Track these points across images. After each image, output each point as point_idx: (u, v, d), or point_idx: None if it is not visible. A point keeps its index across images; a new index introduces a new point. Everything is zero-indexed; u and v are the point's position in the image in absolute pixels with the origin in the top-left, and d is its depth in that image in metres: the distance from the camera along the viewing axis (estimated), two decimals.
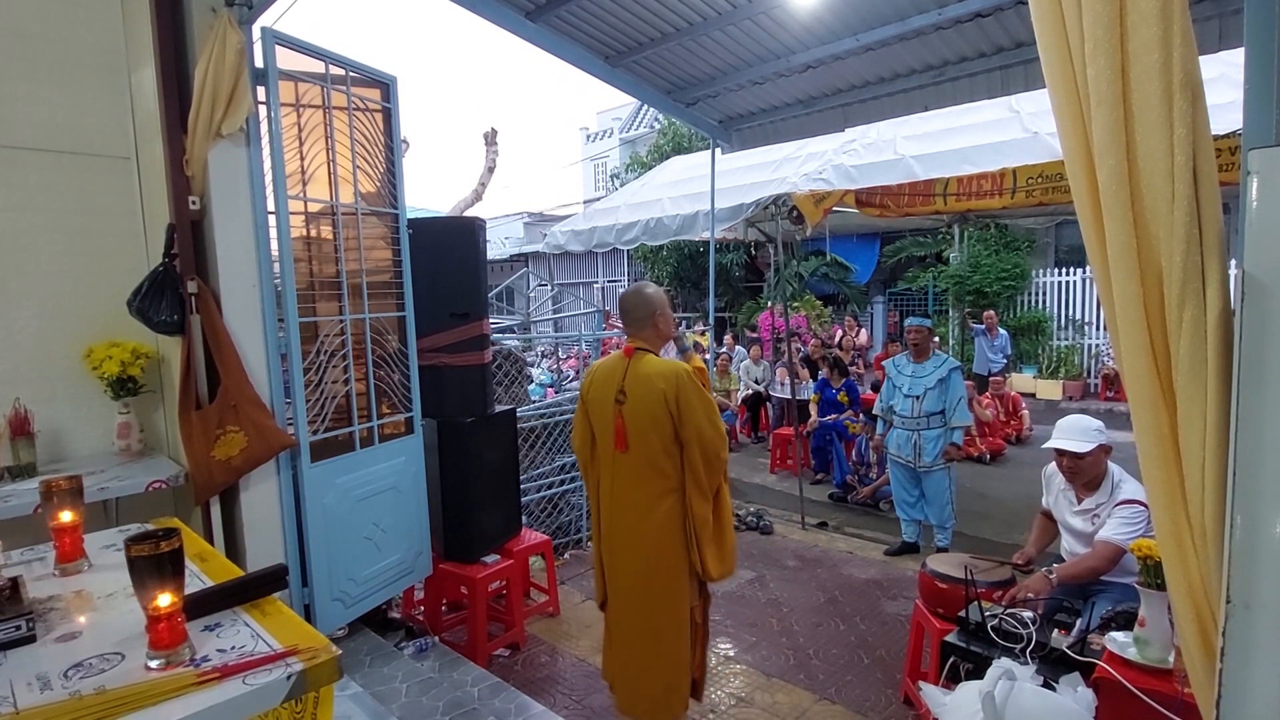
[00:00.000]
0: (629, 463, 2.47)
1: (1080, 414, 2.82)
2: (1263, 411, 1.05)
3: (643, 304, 2.57)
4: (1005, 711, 1.76)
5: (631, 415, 2.43)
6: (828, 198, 6.22)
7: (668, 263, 15.88)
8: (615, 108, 24.93)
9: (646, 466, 2.44)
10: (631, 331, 2.59)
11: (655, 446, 2.41)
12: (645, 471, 2.45)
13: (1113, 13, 1.09)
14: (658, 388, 2.38)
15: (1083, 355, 11.44)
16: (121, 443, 2.78)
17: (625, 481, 2.49)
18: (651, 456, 2.43)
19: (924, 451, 4.53)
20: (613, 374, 2.51)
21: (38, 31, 2.68)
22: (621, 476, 2.50)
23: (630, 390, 2.44)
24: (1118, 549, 2.54)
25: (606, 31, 4.13)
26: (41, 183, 2.70)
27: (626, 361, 2.49)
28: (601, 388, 2.54)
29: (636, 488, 2.47)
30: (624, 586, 2.55)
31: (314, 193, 2.94)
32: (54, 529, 1.66)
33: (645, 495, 2.45)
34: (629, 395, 2.44)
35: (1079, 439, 2.70)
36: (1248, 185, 1.06)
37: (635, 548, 2.49)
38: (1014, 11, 3.51)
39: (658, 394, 2.38)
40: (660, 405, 2.38)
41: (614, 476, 2.53)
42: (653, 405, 2.39)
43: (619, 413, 2.45)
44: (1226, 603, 1.08)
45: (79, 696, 1.12)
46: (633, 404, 2.43)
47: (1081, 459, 2.70)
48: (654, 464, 2.43)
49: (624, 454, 2.47)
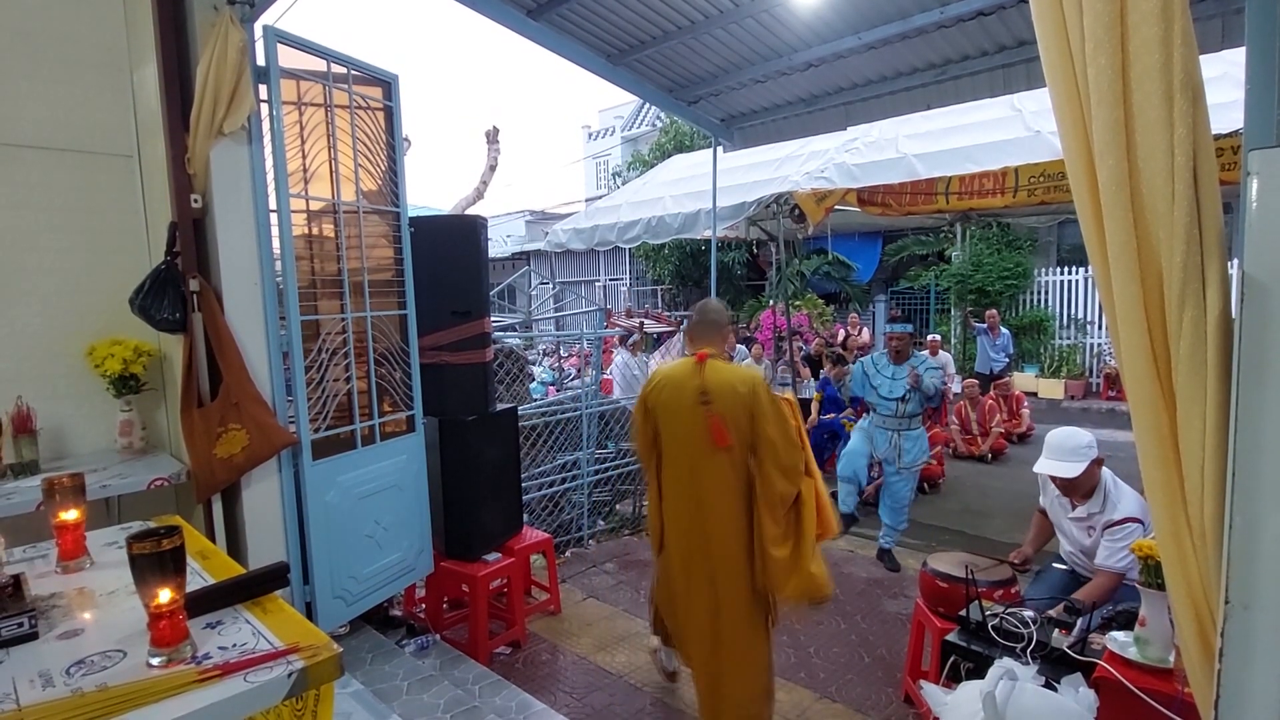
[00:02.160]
0: (718, 464, 2.51)
1: (1068, 429, 2.78)
2: (1262, 412, 1.05)
3: (716, 316, 2.74)
4: (1006, 711, 1.77)
5: (724, 415, 2.49)
6: (830, 196, 6.22)
7: (669, 261, 15.88)
8: (617, 106, 24.92)
9: (730, 467, 2.50)
10: (703, 340, 2.68)
11: (737, 448, 2.49)
12: (729, 473, 2.51)
13: (1113, 12, 1.09)
14: (739, 391, 2.47)
15: (1085, 354, 11.43)
16: (123, 440, 2.79)
17: (719, 479, 2.53)
18: (735, 457, 2.50)
19: (904, 452, 4.54)
20: (687, 378, 2.57)
21: (40, 29, 2.68)
22: (710, 477, 2.54)
23: (714, 392, 2.50)
24: (1117, 576, 2.59)
25: (608, 30, 4.13)
26: (43, 180, 2.70)
27: (701, 366, 2.55)
28: (675, 391, 2.59)
29: (731, 485, 2.51)
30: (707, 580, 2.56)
31: (316, 191, 2.95)
32: (56, 526, 1.67)
33: (739, 491, 2.52)
34: (714, 397, 2.49)
35: (1069, 460, 2.66)
36: (1248, 186, 1.05)
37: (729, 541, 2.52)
38: (1016, 10, 3.50)
39: (740, 397, 2.47)
40: (742, 408, 2.46)
41: (701, 476, 2.55)
42: (735, 407, 2.47)
43: (710, 412, 2.49)
44: (1225, 603, 1.08)
45: (81, 694, 1.13)
46: (719, 405, 2.49)
47: (1073, 480, 2.69)
48: (735, 465, 2.50)
49: (725, 450, 2.50)
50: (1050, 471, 2.72)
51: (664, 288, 17.30)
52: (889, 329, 4.75)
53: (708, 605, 2.58)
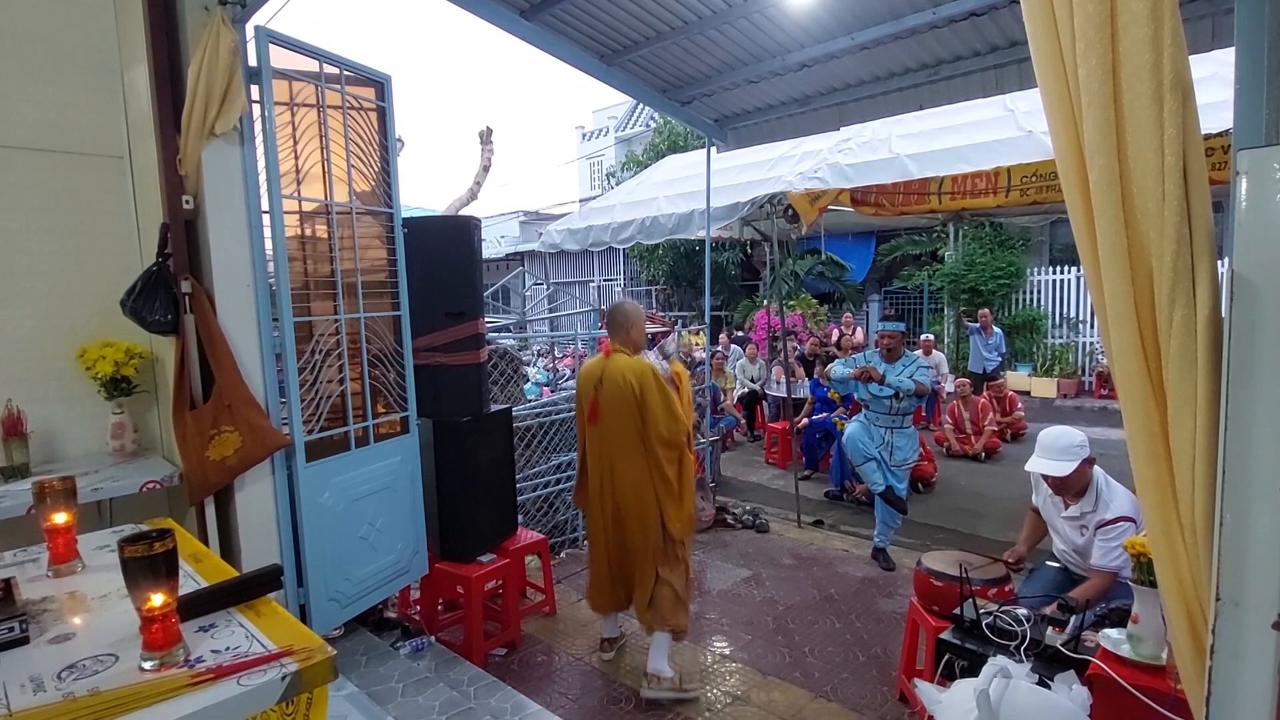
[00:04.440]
0: (604, 431, 3.17)
1: (1061, 429, 2.80)
2: (1252, 410, 1.05)
3: (623, 316, 3.25)
4: (1000, 709, 1.77)
5: (605, 398, 3.14)
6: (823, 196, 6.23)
7: (663, 261, 15.88)
8: (611, 106, 24.91)
9: (620, 434, 3.13)
10: (612, 336, 3.25)
11: (626, 422, 3.10)
12: (619, 436, 3.13)
13: (1104, 13, 1.10)
14: (628, 380, 3.06)
15: (1077, 353, 11.48)
16: (115, 443, 2.77)
17: (606, 442, 3.18)
18: (625, 428, 3.11)
19: (896, 450, 4.55)
20: (594, 368, 3.23)
21: (30, 30, 2.67)
22: (604, 439, 3.19)
23: (605, 380, 3.14)
24: (1111, 575, 2.61)
25: (602, 30, 4.13)
26: (34, 182, 2.69)
27: (605, 359, 3.18)
28: (585, 379, 3.27)
29: (615, 446, 3.15)
30: (613, 507, 3.22)
31: (308, 192, 2.94)
32: (47, 530, 1.66)
33: (623, 451, 3.14)
34: (604, 383, 3.14)
35: (1060, 459, 2.68)
36: (1237, 185, 1.06)
37: (619, 478, 3.17)
38: (1008, 10, 3.52)
39: (627, 384, 3.06)
40: (628, 392, 3.05)
41: (599, 439, 3.21)
42: (623, 391, 3.07)
43: (595, 395, 3.17)
44: (1216, 600, 1.09)
45: (73, 698, 1.12)
46: (606, 390, 3.13)
47: (1064, 479, 2.71)
48: (625, 433, 3.11)
49: (595, 426, 3.19)
50: (1041, 470, 2.74)
51: (658, 288, 17.31)
52: (883, 327, 4.76)
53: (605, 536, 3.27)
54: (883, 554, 4.65)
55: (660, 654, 3.14)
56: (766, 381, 8.52)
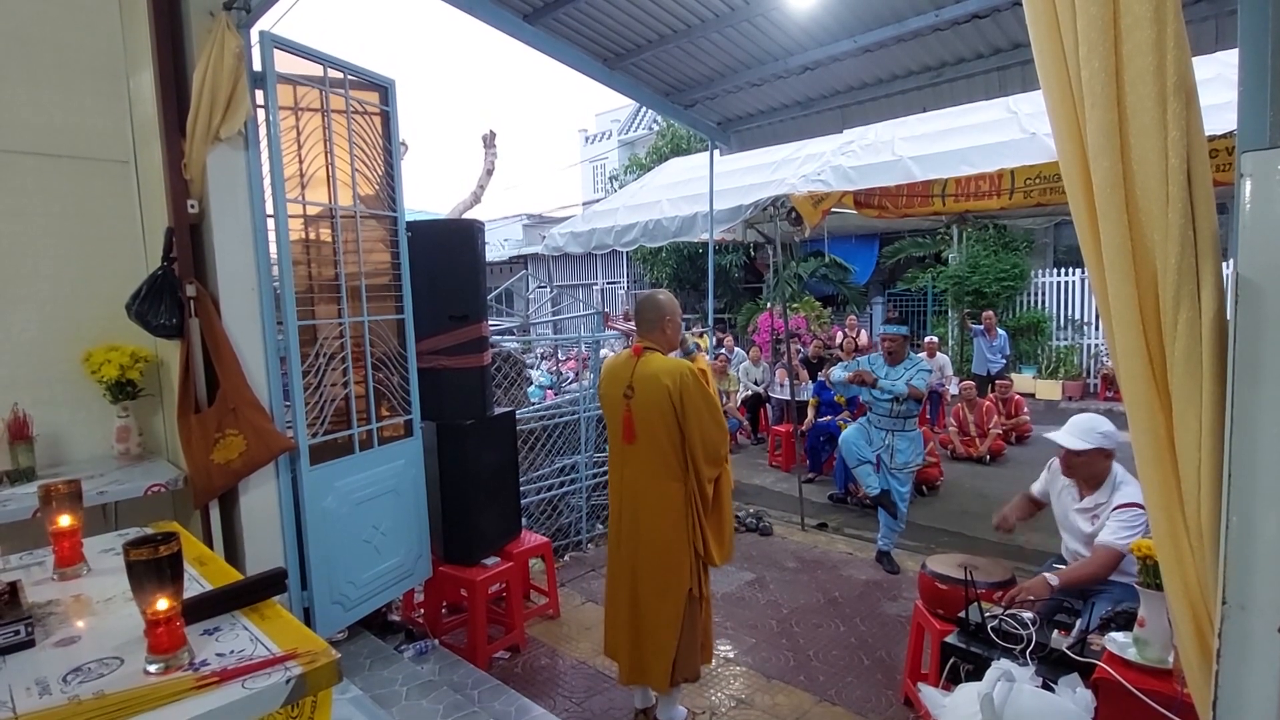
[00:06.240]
0: (636, 454, 2.66)
1: (1094, 415, 2.82)
2: (1257, 412, 1.05)
3: (655, 309, 2.75)
4: (1004, 713, 1.76)
5: (639, 409, 2.61)
6: (826, 199, 6.22)
7: (667, 264, 15.87)
8: (614, 110, 24.93)
9: (654, 457, 2.62)
10: (642, 333, 2.77)
11: (662, 439, 2.59)
12: (653, 462, 2.62)
13: (1106, 16, 1.09)
14: (663, 384, 2.55)
15: (1082, 355, 11.45)
16: (120, 446, 2.78)
17: (634, 471, 2.69)
18: (659, 448, 2.60)
19: (898, 452, 4.54)
20: (621, 371, 2.70)
21: (36, 35, 2.68)
22: (631, 465, 2.70)
23: (638, 386, 2.62)
24: (1117, 553, 2.55)
25: (605, 34, 4.14)
26: (40, 187, 2.70)
27: (635, 359, 2.68)
28: (611, 384, 2.74)
29: (645, 477, 2.65)
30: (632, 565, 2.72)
31: (313, 196, 2.95)
32: (53, 533, 1.66)
33: (653, 483, 2.64)
34: (636, 391, 2.62)
35: (1078, 437, 2.71)
36: (1242, 188, 1.06)
37: (643, 531, 2.67)
38: (1011, 13, 3.52)
39: (663, 390, 2.55)
40: (666, 401, 2.55)
41: (624, 464, 2.72)
42: (659, 400, 2.56)
43: (627, 407, 2.64)
44: (1222, 604, 1.09)
45: (78, 701, 1.12)
46: (640, 399, 2.61)
47: (1076, 456, 2.71)
48: (661, 455, 2.61)
49: (631, 446, 2.65)
50: (1058, 440, 2.77)
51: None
52: (885, 330, 4.76)
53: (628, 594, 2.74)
54: (887, 557, 4.64)
55: (671, 703, 2.82)
56: (770, 384, 8.51)
